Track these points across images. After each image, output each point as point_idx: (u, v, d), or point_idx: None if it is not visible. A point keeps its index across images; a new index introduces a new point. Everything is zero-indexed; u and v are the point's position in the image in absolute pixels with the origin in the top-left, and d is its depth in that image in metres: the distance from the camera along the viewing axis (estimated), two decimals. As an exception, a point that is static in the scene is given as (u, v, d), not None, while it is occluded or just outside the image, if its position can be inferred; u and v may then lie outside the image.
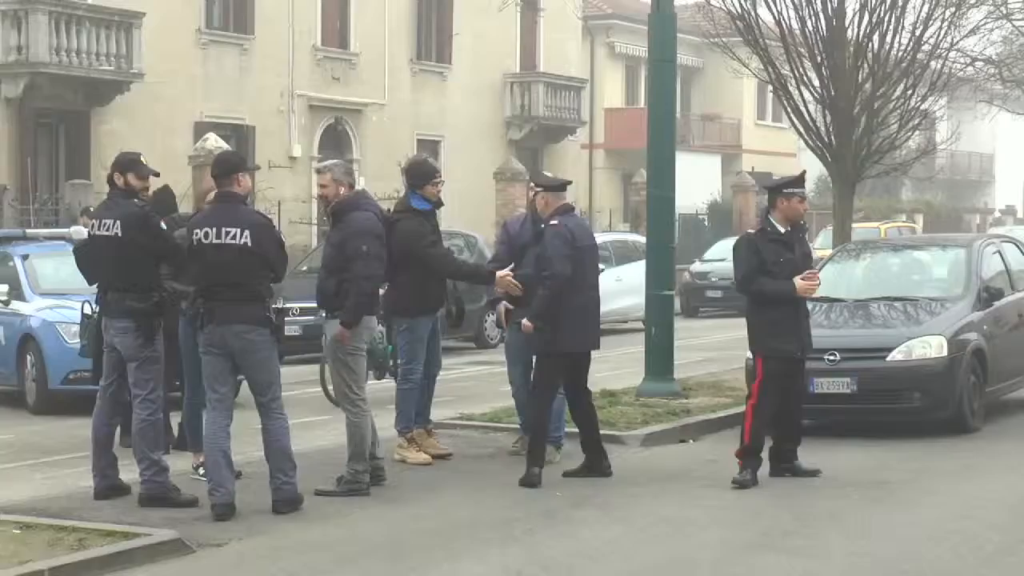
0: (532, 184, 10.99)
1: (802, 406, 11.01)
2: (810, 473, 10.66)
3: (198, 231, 9.26)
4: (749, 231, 11.04)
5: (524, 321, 10.48)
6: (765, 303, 10.62)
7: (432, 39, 36.98)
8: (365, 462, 9.91)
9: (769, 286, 10.57)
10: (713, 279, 31.85)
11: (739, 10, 18.74)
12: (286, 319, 10.66)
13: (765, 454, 10.72)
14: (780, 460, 10.75)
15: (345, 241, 9.91)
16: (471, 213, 30.50)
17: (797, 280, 10.53)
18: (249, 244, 9.12)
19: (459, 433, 12.61)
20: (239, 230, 9.12)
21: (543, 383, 10.63)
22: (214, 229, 9.16)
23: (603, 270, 25.20)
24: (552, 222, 10.60)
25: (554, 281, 10.35)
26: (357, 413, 9.91)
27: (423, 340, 11.14)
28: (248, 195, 9.56)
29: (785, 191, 10.78)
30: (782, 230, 10.72)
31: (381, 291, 10.67)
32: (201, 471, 10.14)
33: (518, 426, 11.95)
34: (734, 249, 11.07)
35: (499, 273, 11.03)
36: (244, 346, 9.19)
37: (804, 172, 11.25)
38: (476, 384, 17.06)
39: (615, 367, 18.93)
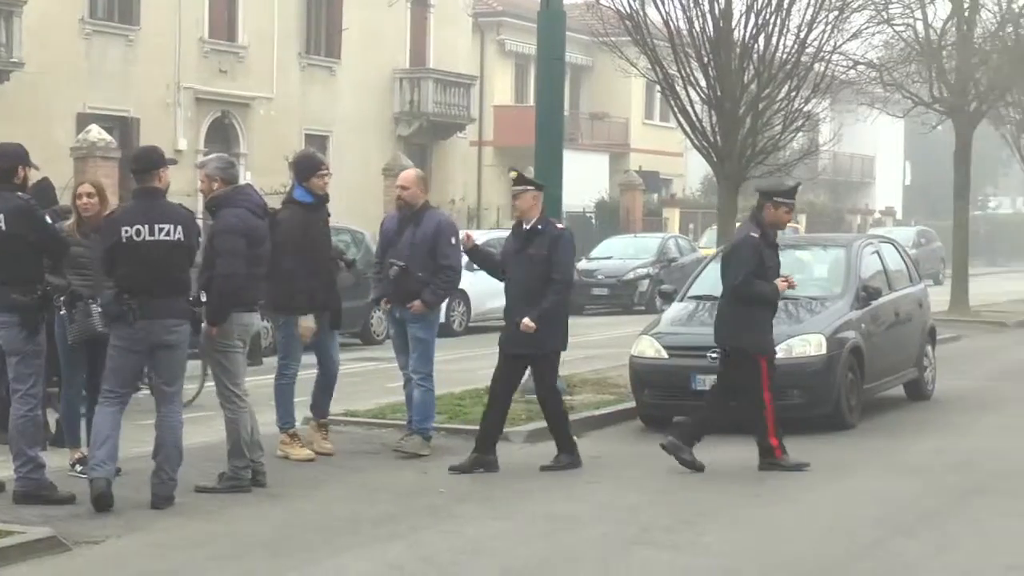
0: (514, 182, 11.09)
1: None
2: (695, 466, 10.84)
3: (127, 228, 9.19)
4: (752, 235, 11.11)
5: (526, 321, 10.67)
6: (750, 304, 10.97)
7: (321, 33, 36.77)
8: (245, 458, 9.83)
9: (760, 288, 10.97)
10: (600, 277, 32.01)
11: (628, 10, 18.87)
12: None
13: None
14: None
15: (212, 238, 9.90)
16: (359, 209, 30.38)
17: (778, 282, 10.99)
18: (182, 239, 9.22)
19: (343, 429, 12.55)
20: (172, 226, 9.19)
21: (554, 379, 11.31)
22: (146, 226, 9.15)
23: (490, 267, 25.45)
24: (559, 225, 11.12)
25: (566, 287, 10.95)
26: (234, 409, 9.84)
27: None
28: (167, 189, 9.53)
29: (776, 199, 11.13)
30: (773, 235, 11.15)
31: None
32: (79, 467, 10.02)
33: (405, 422, 11.96)
34: (737, 249, 11.19)
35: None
36: (171, 339, 9.25)
37: (799, 184, 11.56)
38: (362, 380, 16.98)
39: (501, 364, 18.97)
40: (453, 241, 11.34)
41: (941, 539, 8.44)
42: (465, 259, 11.56)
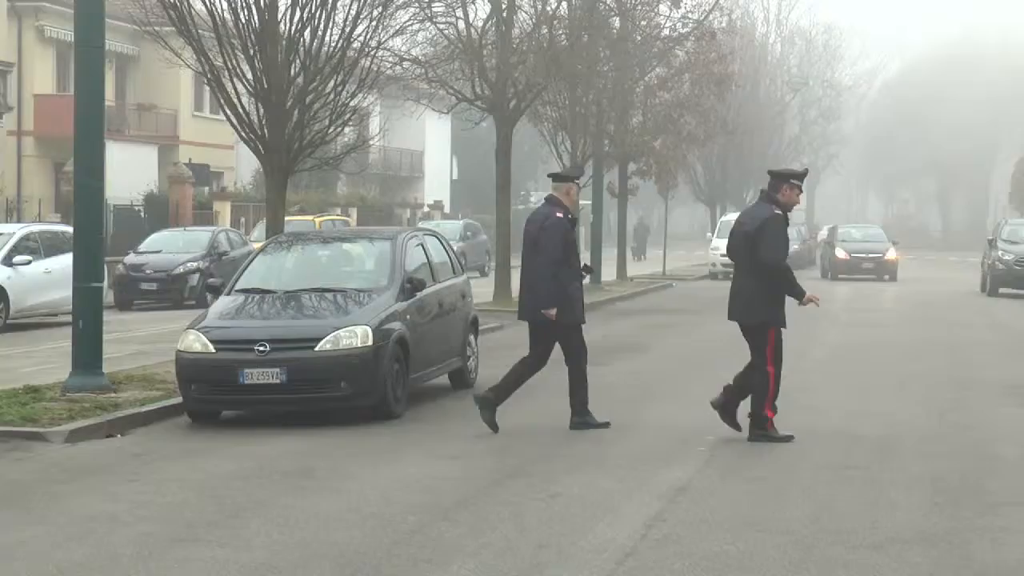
0: (801, 177, 11.85)
1: None
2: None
3: None
4: (777, 212, 11.62)
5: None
6: (774, 279, 11.56)
7: None
8: None
9: (792, 274, 11.75)
10: (148, 271, 31.36)
11: (172, -1, 18.56)
12: None
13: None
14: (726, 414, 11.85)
15: None
16: None
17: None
18: None
19: None
20: None
21: None
22: None
23: (30, 262, 24.44)
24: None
25: None
26: None
27: None
28: None
29: (792, 180, 11.73)
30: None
31: None
32: None
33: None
34: (770, 225, 11.53)
35: None
36: None
37: (807, 169, 12.47)
38: None
39: (42, 362, 18.34)
40: None
41: (478, 522, 8.73)
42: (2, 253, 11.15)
